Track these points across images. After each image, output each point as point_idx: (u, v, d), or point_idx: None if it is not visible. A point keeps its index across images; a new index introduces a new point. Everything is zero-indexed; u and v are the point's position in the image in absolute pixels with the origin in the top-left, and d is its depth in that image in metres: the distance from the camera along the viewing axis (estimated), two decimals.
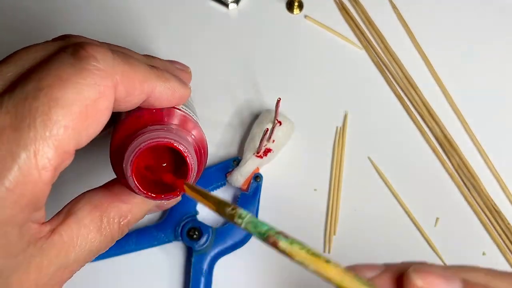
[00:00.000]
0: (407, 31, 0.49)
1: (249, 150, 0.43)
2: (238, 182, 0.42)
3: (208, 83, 0.47)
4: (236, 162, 0.43)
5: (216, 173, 0.43)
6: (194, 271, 0.40)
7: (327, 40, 0.49)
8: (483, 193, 0.45)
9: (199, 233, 0.40)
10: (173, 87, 0.28)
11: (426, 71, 0.48)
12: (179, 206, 0.41)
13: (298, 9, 0.50)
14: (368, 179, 0.45)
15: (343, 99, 0.47)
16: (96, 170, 0.44)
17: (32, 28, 0.48)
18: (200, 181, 0.40)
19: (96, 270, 0.42)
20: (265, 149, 0.42)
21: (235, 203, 0.42)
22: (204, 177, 0.42)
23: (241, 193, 0.43)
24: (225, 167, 0.43)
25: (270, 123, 0.42)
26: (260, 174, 0.43)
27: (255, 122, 0.44)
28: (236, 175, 0.42)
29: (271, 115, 0.42)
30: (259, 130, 0.42)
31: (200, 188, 0.26)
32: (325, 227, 0.44)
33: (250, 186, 0.42)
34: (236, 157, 0.43)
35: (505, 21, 0.50)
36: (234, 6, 0.49)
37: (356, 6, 0.50)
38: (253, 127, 0.44)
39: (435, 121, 0.47)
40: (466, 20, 0.50)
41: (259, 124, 0.43)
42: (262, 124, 0.43)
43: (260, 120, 0.43)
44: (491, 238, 0.44)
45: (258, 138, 0.42)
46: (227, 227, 0.41)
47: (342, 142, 0.46)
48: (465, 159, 0.46)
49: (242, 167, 0.42)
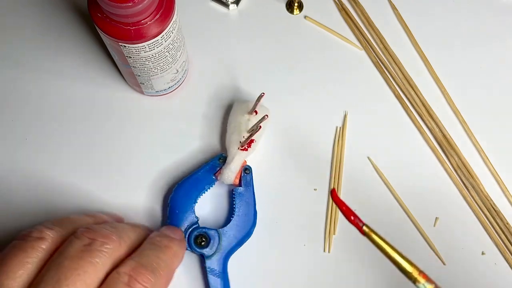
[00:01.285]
0: (407, 31, 0.50)
1: (233, 145, 0.42)
2: (230, 179, 0.42)
3: (208, 83, 0.47)
4: (222, 160, 0.42)
5: (205, 175, 0.42)
6: (210, 275, 0.40)
7: (326, 40, 0.49)
8: (482, 193, 0.45)
9: (206, 239, 0.40)
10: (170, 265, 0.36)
11: (425, 72, 0.49)
12: (178, 218, 0.41)
13: (298, 9, 0.50)
14: (368, 179, 0.45)
15: (343, 99, 0.47)
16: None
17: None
18: (190, 187, 0.42)
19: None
20: (248, 141, 0.42)
21: (232, 199, 0.42)
22: (194, 182, 0.42)
23: (234, 188, 0.42)
24: (212, 167, 0.43)
25: (246, 114, 0.42)
26: (249, 166, 0.43)
27: (230, 115, 0.44)
28: (226, 173, 0.42)
29: (244, 105, 0.43)
30: (237, 123, 0.42)
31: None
32: (325, 227, 0.44)
33: (242, 180, 0.42)
34: (220, 154, 0.43)
35: (504, 22, 0.50)
36: (234, 7, 0.49)
37: (356, 6, 0.50)
38: (229, 120, 0.43)
39: (434, 121, 0.47)
40: (466, 21, 0.50)
41: (235, 117, 0.43)
42: (238, 117, 0.43)
43: (235, 113, 0.43)
44: (490, 238, 0.44)
45: (238, 132, 0.42)
46: (230, 225, 0.41)
47: (342, 142, 0.46)
48: (464, 159, 0.46)
49: (231, 164, 0.42)
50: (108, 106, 0.46)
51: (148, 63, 0.39)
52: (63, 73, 0.47)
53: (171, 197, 0.42)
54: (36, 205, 0.43)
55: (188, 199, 0.41)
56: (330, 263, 0.43)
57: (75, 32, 0.48)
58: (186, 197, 0.41)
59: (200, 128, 0.46)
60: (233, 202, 0.42)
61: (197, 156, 0.45)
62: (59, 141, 0.45)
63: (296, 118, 0.46)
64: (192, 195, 0.42)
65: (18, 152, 0.44)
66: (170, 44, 0.38)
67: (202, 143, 0.45)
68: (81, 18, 0.48)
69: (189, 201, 0.41)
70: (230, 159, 0.42)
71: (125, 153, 0.45)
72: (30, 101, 0.46)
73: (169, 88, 0.45)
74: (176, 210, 0.41)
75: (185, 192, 0.42)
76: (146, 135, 0.45)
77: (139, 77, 0.41)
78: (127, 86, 0.46)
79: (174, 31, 0.37)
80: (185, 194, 0.41)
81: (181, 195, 0.41)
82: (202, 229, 0.41)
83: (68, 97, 0.46)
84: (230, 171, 0.42)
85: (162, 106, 0.46)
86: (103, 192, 0.44)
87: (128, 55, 0.37)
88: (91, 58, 0.47)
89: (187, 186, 0.42)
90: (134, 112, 0.46)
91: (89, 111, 0.46)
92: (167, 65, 0.40)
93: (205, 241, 0.40)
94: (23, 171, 0.44)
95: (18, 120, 0.45)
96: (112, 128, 0.45)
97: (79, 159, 0.44)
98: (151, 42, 0.36)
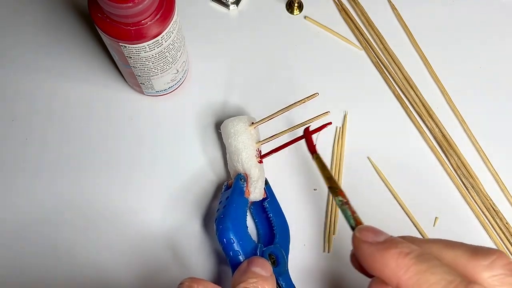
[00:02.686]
0: (406, 31, 0.50)
1: (250, 161, 0.41)
2: (260, 195, 0.41)
3: (208, 82, 0.47)
4: (243, 180, 0.40)
5: (239, 200, 0.39)
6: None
7: (326, 40, 0.49)
8: (482, 192, 0.45)
9: (274, 257, 0.39)
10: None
11: (425, 72, 0.49)
12: (243, 249, 0.37)
13: (298, 9, 0.50)
14: (368, 179, 0.45)
15: (343, 99, 0.47)
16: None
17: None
18: (236, 216, 0.38)
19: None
20: (259, 151, 0.42)
21: (266, 213, 0.42)
22: (235, 211, 0.39)
23: (263, 202, 0.42)
24: (240, 190, 0.40)
25: (248, 128, 0.41)
26: (265, 178, 0.43)
27: (230, 136, 0.41)
28: (256, 192, 0.41)
29: (240, 122, 0.41)
30: (245, 139, 0.41)
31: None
32: (325, 227, 0.44)
33: (265, 191, 0.42)
34: (239, 175, 0.41)
35: (504, 22, 0.50)
36: (234, 7, 0.49)
37: (356, 6, 0.50)
38: (230, 142, 0.41)
39: (434, 121, 0.47)
40: (465, 21, 0.50)
41: (237, 136, 0.41)
42: (242, 135, 0.41)
43: (234, 132, 0.41)
44: (489, 237, 0.44)
45: (250, 147, 0.41)
46: (278, 236, 0.40)
47: (341, 142, 0.46)
48: (464, 159, 0.46)
49: (258, 180, 0.41)
50: (108, 106, 0.46)
51: (148, 63, 0.39)
52: (63, 73, 0.47)
53: (222, 234, 0.37)
54: (36, 205, 0.43)
55: (240, 229, 0.38)
56: (330, 263, 0.43)
57: (75, 32, 0.48)
58: (237, 228, 0.38)
59: (200, 127, 0.46)
60: (268, 214, 0.41)
61: (198, 158, 0.45)
62: (59, 141, 0.45)
63: (296, 118, 0.46)
64: (240, 223, 0.38)
65: (18, 152, 0.44)
66: (170, 44, 0.38)
67: (203, 143, 0.45)
68: (81, 18, 0.48)
69: (242, 230, 0.38)
70: (255, 175, 0.41)
71: (125, 153, 0.45)
72: (30, 101, 0.46)
73: (169, 88, 0.45)
74: (234, 245, 0.37)
75: (234, 224, 0.38)
76: (146, 135, 0.45)
77: (139, 77, 0.41)
78: (127, 86, 0.46)
79: (174, 31, 0.38)
80: (234, 226, 0.38)
81: (232, 228, 0.37)
82: (268, 249, 0.39)
83: (68, 97, 0.46)
84: (258, 188, 0.41)
85: (162, 106, 0.46)
86: (103, 191, 0.44)
87: (128, 55, 0.37)
88: (91, 58, 0.47)
89: (233, 217, 0.38)
90: (134, 112, 0.46)
91: (89, 111, 0.46)
92: (167, 65, 0.40)
93: (275, 259, 0.39)
94: (23, 170, 0.44)
95: (18, 120, 0.45)
96: (112, 128, 0.45)
97: (79, 159, 0.44)
98: (151, 42, 0.36)
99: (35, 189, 0.43)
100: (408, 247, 0.24)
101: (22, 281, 0.41)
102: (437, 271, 0.22)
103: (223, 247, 0.37)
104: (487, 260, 0.23)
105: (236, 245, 0.37)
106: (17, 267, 0.41)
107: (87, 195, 0.43)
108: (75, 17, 0.48)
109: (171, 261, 0.42)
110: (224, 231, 0.37)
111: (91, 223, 0.43)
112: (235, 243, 0.37)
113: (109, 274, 0.42)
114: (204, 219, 0.43)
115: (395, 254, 0.24)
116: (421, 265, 0.23)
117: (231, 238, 0.37)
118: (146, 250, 0.42)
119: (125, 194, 0.44)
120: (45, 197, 0.43)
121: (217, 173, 0.45)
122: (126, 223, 0.43)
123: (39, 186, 0.44)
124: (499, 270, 0.22)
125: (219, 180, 0.45)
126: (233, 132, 0.41)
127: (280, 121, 0.45)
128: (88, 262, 0.42)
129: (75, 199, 0.43)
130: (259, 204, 0.42)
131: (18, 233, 0.42)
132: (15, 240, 0.42)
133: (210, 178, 0.44)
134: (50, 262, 0.42)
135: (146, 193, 0.44)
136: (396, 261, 0.24)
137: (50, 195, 0.43)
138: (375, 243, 0.25)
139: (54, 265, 0.42)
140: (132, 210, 0.43)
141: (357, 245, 0.26)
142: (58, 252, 0.42)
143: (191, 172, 0.44)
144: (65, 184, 0.44)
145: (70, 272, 0.41)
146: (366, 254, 0.26)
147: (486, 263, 0.22)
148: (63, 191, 0.43)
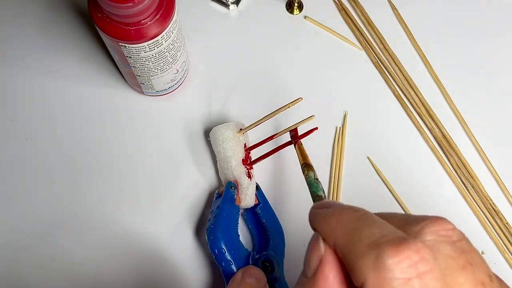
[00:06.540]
0: (407, 31, 0.50)
1: (238, 169, 0.41)
2: (252, 201, 0.41)
3: (208, 82, 0.47)
4: (234, 187, 0.40)
5: (230, 208, 0.39)
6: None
7: (326, 40, 0.49)
8: (482, 192, 0.45)
9: (269, 263, 0.39)
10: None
11: (425, 72, 0.49)
12: (234, 259, 0.38)
13: (298, 9, 0.50)
14: (368, 179, 0.45)
15: (343, 99, 0.47)
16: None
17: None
18: (226, 225, 0.38)
19: None
20: (248, 157, 0.42)
21: (258, 218, 0.42)
22: (226, 219, 0.39)
23: (255, 208, 0.42)
24: (231, 198, 0.40)
25: (236, 134, 0.41)
26: (256, 183, 0.42)
27: (219, 144, 0.41)
28: (247, 199, 0.41)
29: (223, 129, 0.41)
30: (233, 147, 0.41)
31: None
32: None
33: (257, 196, 0.42)
34: (229, 183, 0.40)
35: (504, 21, 0.50)
36: (234, 7, 0.49)
37: (356, 6, 0.50)
38: (219, 150, 0.41)
39: (434, 121, 0.47)
40: (465, 21, 0.50)
41: (225, 143, 0.41)
42: (230, 142, 0.41)
43: (222, 139, 0.41)
44: (489, 238, 0.44)
45: (239, 153, 0.41)
46: (272, 241, 0.40)
47: (341, 142, 0.46)
48: (463, 159, 0.46)
49: (249, 187, 0.41)
50: (108, 106, 0.46)
51: (148, 63, 0.39)
52: (63, 73, 0.47)
53: (214, 245, 0.37)
54: (36, 205, 0.43)
55: (231, 238, 0.38)
56: None
57: (75, 32, 0.48)
58: (228, 237, 0.38)
59: (200, 127, 0.46)
60: (261, 220, 0.41)
61: (198, 158, 0.45)
62: (59, 140, 0.45)
63: (296, 118, 0.46)
64: (232, 232, 0.38)
65: (18, 152, 0.44)
66: (170, 44, 0.38)
67: (203, 143, 0.45)
68: (81, 18, 0.48)
69: (233, 239, 0.38)
70: (244, 183, 0.41)
71: (124, 153, 0.45)
72: (30, 101, 0.46)
73: (169, 88, 0.45)
74: (226, 255, 0.37)
75: (225, 234, 0.38)
76: (146, 135, 0.45)
77: (139, 77, 0.41)
78: (127, 86, 0.46)
79: (174, 31, 0.38)
80: (225, 236, 0.38)
81: (222, 238, 0.37)
82: (261, 256, 0.39)
83: (68, 97, 0.46)
84: (249, 196, 0.41)
85: (162, 106, 0.46)
86: (101, 192, 0.44)
87: (128, 55, 0.37)
88: (91, 58, 0.47)
89: (223, 226, 0.38)
90: (134, 112, 0.46)
91: (89, 111, 0.46)
92: (167, 65, 0.40)
93: (269, 266, 0.39)
94: (23, 170, 0.44)
95: (18, 120, 0.45)
96: (112, 128, 0.45)
97: (79, 159, 0.44)
98: (151, 42, 0.36)
99: (35, 189, 0.43)
100: (354, 209, 0.24)
101: (20, 281, 0.41)
102: (375, 226, 0.22)
103: (215, 257, 0.37)
104: (417, 226, 0.22)
105: (228, 254, 0.37)
106: (14, 270, 0.42)
107: (87, 195, 0.43)
108: (75, 17, 0.48)
109: (164, 269, 0.42)
110: (215, 242, 0.37)
111: (84, 225, 0.42)
112: (227, 253, 0.37)
113: (99, 282, 0.41)
114: (196, 228, 0.43)
115: (337, 214, 0.24)
116: (361, 221, 0.22)
117: (222, 248, 0.37)
118: (138, 259, 0.42)
119: (119, 198, 0.44)
120: (45, 197, 0.43)
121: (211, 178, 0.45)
122: (117, 230, 0.43)
123: (39, 185, 0.44)
124: (429, 236, 0.21)
125: (210, 187, 0.45)
126: (222, 140, 0.41)
127: (271, 125, 0.45)
128: (80, 268, 0.42)
129: (72, 201, 0.43)
130: (251, 210, 0.42)
131: (18, 233, 0.42)
132: (15, 240, 0.42)
133: (202, 187, 0.45)
134: (47, 263, 0.42)
135: (142, 198, 0.44)
136: (337, 219, 0.23)
137: (50, 195, 0.43)
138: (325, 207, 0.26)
139: (49, 267, 0.42)
140: (125, 215, 0.43)
141: (311, 210, 0.27)
142: (55, 255, 0.42)
143: (191, 173, 0.44)
144: (64, 185, 0.44)
145: (67, 273, 0.41)
146: (313, 211, 0.26)
147: (416, 229, 0.22)
148: (62, 191, 0.43)
